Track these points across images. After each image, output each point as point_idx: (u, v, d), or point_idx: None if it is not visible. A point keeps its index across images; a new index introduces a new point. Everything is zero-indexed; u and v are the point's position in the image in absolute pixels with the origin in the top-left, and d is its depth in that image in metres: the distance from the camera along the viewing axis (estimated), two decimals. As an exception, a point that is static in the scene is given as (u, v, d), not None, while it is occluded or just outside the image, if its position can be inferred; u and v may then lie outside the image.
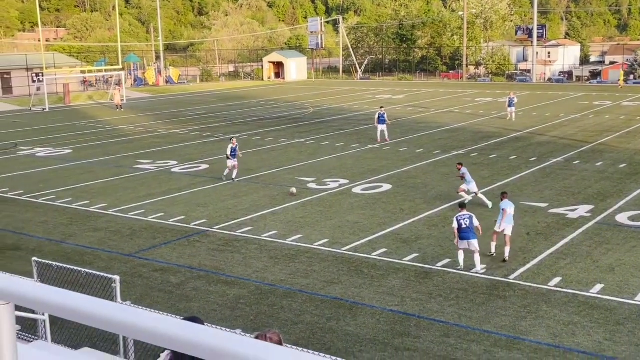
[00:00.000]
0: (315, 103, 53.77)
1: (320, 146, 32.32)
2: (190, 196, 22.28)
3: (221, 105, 53.65)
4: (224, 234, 17.80)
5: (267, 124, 40.97)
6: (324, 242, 16.91)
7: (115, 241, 17.39)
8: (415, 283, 14.12)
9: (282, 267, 15.19)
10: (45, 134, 38.65)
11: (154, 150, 32.01)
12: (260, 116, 45.46)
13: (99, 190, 23.44)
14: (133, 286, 14.16)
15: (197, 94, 66.25)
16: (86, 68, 65.97)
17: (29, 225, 19.15)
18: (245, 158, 29.27)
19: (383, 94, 61.56)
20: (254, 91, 68.66)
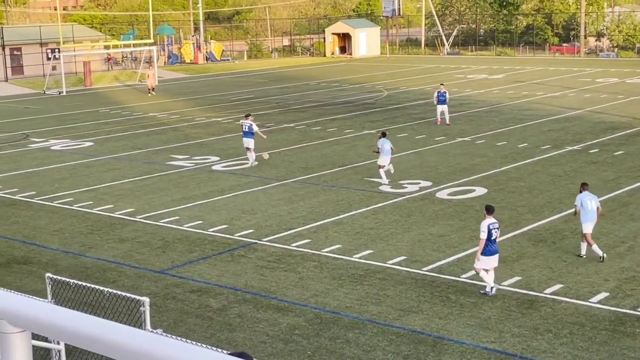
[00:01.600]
0: (390, 85, 53.61)
1: (396, 139, 32.18)
2: (235, 200, 22.57)
3: (273, 88, 54.15)
4: (275, 248, 17.95)
5: (330, 111, 41.09)
6: (401, 260, 16.83)
7: (144, 254, 17.77)
8: (516, 314, 13.89)
9: (347, 291, 15.19)
10: (61, 122, 39.89)
11: (192, 143, 32.58)
12: (321, 101, 45.63)
13: (125, 192, 24.01)
14: (165, 310, 14.44)
15: (243, 74, 67.07)
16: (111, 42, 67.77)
17: (42, 233, 19.79)
18: (303, 153, 29.41)
19: (476, 73, 60.88)
20: (313, 70, 68.97)
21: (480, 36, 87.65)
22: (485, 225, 14.84)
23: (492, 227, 14.83)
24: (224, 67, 73.44)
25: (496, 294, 14.82)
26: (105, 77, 64.65)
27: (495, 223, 14.92)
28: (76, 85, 58.98)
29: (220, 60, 78.49)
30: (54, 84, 57.01)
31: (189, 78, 64.93)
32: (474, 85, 51.66)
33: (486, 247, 14.80)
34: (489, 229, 14.79)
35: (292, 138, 33.05)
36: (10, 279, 16.27)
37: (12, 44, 63.46)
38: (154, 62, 62.53)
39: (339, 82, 56.44)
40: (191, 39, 79.08)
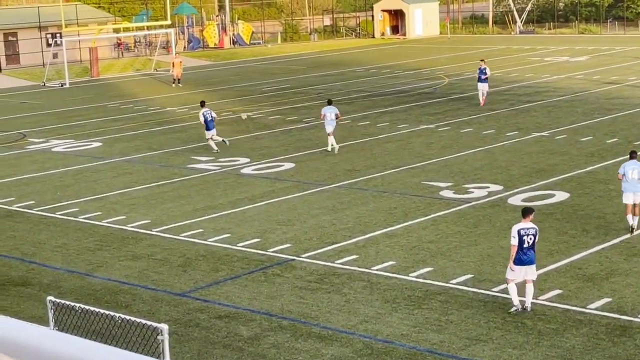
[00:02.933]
0: (452, 70, 53.40)
1: (460, 135, 32.06)
2: (268, 209, 22.67)
3: (312, 76, 54.27)
4: (316, 265, 17.97)
5: (380, 103, 41.06)
6: (466, 279, 16.75)
7: (162, 274, 17.93)
8: (606, 343, 13.74)
9: (402, 315, 15.16)
10: (64, 120, 40.47)
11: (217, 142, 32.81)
12: (369, 91, 45.63)
13: (139, 201, 24.26)
14: (187, 339, 14.56)
15: (277, 60, 67.33)
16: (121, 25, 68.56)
17: (43, 250, 20.08)
18: (348, 153, 29.44)
19: (555, 55, 60.36)
20: (360, 54, 68.97)
21: (560, 11, 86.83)
22: (515, 230, 14.94)
23: (523, 232, 14.87)
24: (254, 52, 73.83)
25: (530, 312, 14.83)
26: (115, 65, 65.44)
27: (529, 228, 14.93)
28: (81, 76, 59.80)
29: (249, 44, 78.97)
30: (55, 75, 57.87)
31: (212, 66, 65.41)
32: (552, 70, 51.22)
33: (518, 255, 14.88)
34: (519, 235, 14.84)
35: (336, 135, 33.03)
36: (7, 304, 16.53)
37: (7, 28, 64.55)
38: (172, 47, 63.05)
39: (390, 68, 56.36)
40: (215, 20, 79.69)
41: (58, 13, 58.23)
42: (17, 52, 65.71)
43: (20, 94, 51.86)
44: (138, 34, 71.77)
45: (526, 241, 14.86)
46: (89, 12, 72.01)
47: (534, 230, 14.99)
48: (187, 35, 77.08)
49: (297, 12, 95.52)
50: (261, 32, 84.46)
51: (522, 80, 46.88)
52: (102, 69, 60.91)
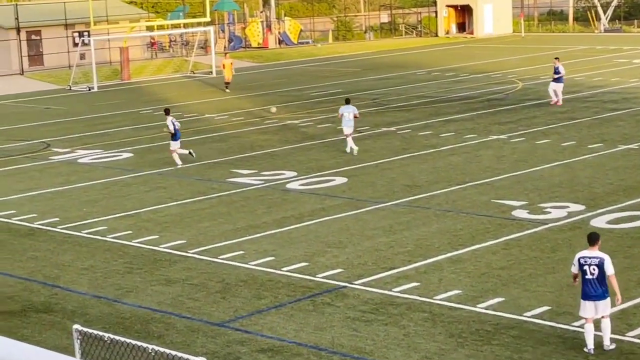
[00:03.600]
0: (526, 73, 53.05)
1: (535, 146, 31.82)
2: (318, 229, 22.66)
3: (368, 79, 54.26)
4: (371, 294, 17.91)
5: (444, 110, 40.92)
6: (542, 312, 16.57)
7: (199, 301, 17.99)
8: None
9: (469, 352, 15.04)
10: (91, 127, 40.93)
11: (260, 153, 32.94)
12: (432, 97, 45.49)
13: (173, 219, 24.41)
14: (225, 375, 14.57)
15: (328, 61, 67.45)
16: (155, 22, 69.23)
17: (67, 272, 20.27)
18: (408, 167, 29.36)
19: (645, 56, 59.64)
20: (422, 55, 68.82)
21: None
22: (576, 258, 14.70)
23: (583, 261, 14.53)
24: (302, 52, 74.05)
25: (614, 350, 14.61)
26: (148, 67, 66.08)
27: (592, 257, 14.49)
28: (110, 79, 60.46)
29: (297, 43, 79.24)
30: (82, 78, 58.57)
31: (256, 67, 65.75)
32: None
33: (583, 288, 14.58)
34: (579, 264, 14.56)
35: (394, 146, 33.03)
36: (27, 332, 16.70)
37: (30, 27, 65.47)
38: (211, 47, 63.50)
39: (456, 71, 56.15)
40: (259, 17, 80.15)
41: (86, 9, 58.87)
42: (40, 53, 66.66)
43: (44, 99, 52.57)
44: (174, 33, 72.42)
45: (588, 272, 14.41)
46: (120, 8, 72.73)
47: (598, 261, 14.42)
48: (228, 34, 77.55)
49: (350, 7, 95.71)
50: (310, 31, 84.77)
51: (607, 86, 46.40)
52: (133, 71, 61.53)
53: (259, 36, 77.90)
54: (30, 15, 65.55)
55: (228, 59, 53.27)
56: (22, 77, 61.92)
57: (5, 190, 28.58)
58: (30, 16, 65.44)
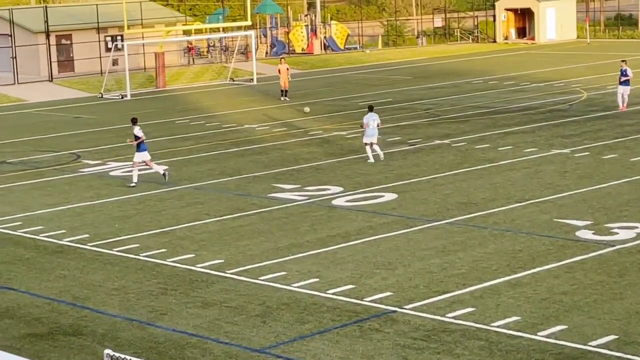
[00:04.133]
0: (592, 83, 52.72)
1: (601, 162, 31.59)
2: (365, 249, 22.64)
3: (420, 88, 54.19)
4: (423, 319, 17.84)
5: (502, 122, 40.76)
6: (609, 341, 16.42)
7: (237, 325, 18.02)
8: None
9: (529, 384, 14.92)
10: (124, 138, 41.15)
11: (303, 166, 33.00)
12: (489, 107, 45.34)
13: (210, 236, 24.50)
14: (265, 405, 14.59)
15: (377, 68, 67.47)
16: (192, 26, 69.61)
17: (97, 293, 20.39)
18: (463, 182, 29.27)
19: None
20: (478, 62, 68.61)
21: None
22: None
23: None
24: (349, 58, 74.15)
25: None
26: (184, 74, 66.48)
27: None
28: (145, 86, 60.91)
29: (344, 49, 79.36)
30: (115, 85, 59.06)
31: (300, 75, 65.83)
32: None
33: None
34: None
35: (448, 160, 32.96)
36: (55, 356, 16.80)
37: (60, 30, 66.14)
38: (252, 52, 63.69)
39: (515, 80, 55.93)
40: (303, 20, 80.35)
41: (119, 12, 59.45)
42: (71, 58, 67.27)
43: (74, 107, 53.08)
44: (212, 37, 72.78)
45: None
46: (156, 11, 73.25)
47: None
48: (270, 39, 77.85)
49: (402, 11, 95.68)
50: (358, 35, 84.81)
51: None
52: (169, 78, 61.94)
53: (304, 41, 78.11)
54: (60, 19, 66.23)
55: (284, 64, 52.63)
56: (51, 84, 62.55)
57: (33, 204, 28.86)
58: (60, 19, 66.12)
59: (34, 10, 70.44)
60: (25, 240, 24.88)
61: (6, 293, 20.58)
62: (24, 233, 25.52)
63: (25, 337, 17.76)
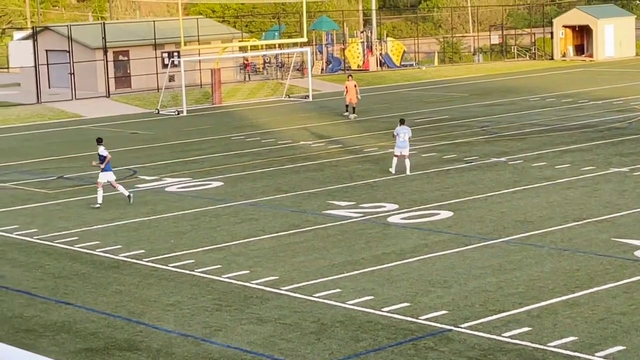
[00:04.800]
0: (651, 100, 52.24)
1: (661, 181, 31.31)
2: (421, 267, 22.59)
3: (476, 105, 54.03)
4: (479, 338, 17.76)
5: (560, 140, 40.51)
6: (668, 363, 16.22)
7: (292, 342, 18.05)
8: None
9: (586, 406, 14.78)
10: (180, 154, 41.53)
11: (359, 184, 33.02)
12: (546, 125, 45.09)
13: (265, 253, 24.58)
14: (319, 423, 14.59)
15: (433, 85, 67.37)
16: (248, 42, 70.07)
17: (152, 308, 20.54)
18: (520, 200, 29.12)
19: None
20: (535, 79, 68.28)
21: None
22: None
23: None
24: (405, 75, 74.16)
25: None
26: (241, 90, 66.86)
27: None
28: (200, 102, 61.33)
29: (400, 65, 79.40)
30: (171, 101, 59.55)
31: (355, 92, 65.94)
32: None
33: None
34: None
35: (504, 178, 32.81)
36: (110, 371, 16.97)
37: (118, 47, 66.83)
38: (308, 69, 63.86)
39: (573, 97, 55.58)
40: (359, 37, 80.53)
41: (176, 28, 60.03)
42: (128, 74, 67.93)
43: (131, 123, 53.57)
44: (268, 53, 73.14)
45: None
46: (212, 27, 73.87)
47: None
48: (326, 55, 78.09)
49: (458, 27, 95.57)
50: (414, 52, 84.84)
51: None
52: (225, 94, 62.31)
53: (359, 58, 78.24)
54: (118, 35, 66.92)
55: (351, 81, 52.44)
56: (108, 100, 63.24)
57: (90, 219, 29.15)
58: (118, 35, 66.82)
59: (92, 27, 71.32)
60: (81, 255, 25.14)
61: (63, 307, 20.80)
62: (81, 248, 25.78)
63: (81, 351, 17.93)
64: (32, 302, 21.24)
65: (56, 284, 22.53)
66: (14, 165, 39.82)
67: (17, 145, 46.42)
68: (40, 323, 19.73)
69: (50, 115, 57.71)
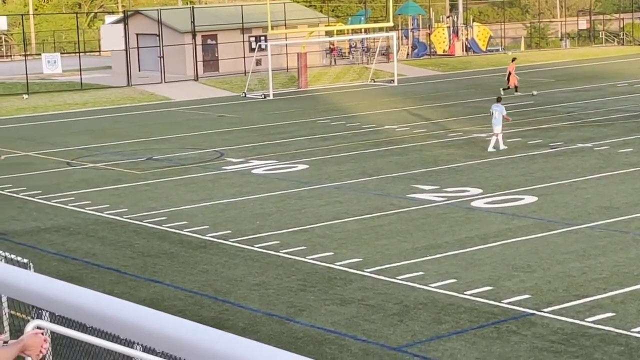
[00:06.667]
0: None
1: None
2: (504, 251, 22.51)
3: (563, 91, 53.52)
4: (562, 323, 17.67)
5: (648, 126, 39.96)
6: None
7: (375, 323, 18.15)
8: None
9: (669, 392, 14.64)
10: (266, 137, 41.81)
11: (443, 168, 32.94)
12: (634, 110, 44.47)
13: (349, 235, 24.69)
14: (401, 403, 14.65)
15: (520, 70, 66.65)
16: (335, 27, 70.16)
17: (238, 288, 20.80)
18: (605, 187, 28.83)
19: None
20: (623, 65, 67.33)
21: None
22: None
23: None
24: (491, 60, 73.60)
25: None
26: (326, 74, 67.00)
27: None
28: (287, 86, 61.62)
29: (486, 51, 78.87)
30: (258, 84, 59.91)
31: (441, 76, 65.71)
32: None
33: None
34: None
35: (590, 164, 32.46)
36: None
37: (206, 31, 67.40)
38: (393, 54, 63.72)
39: (662, 83, 54.73)
40: (445, 22, 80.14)
41: (264, 13, 60.32)
42: (216, 58, 68.49)
43: (218, 106, 54.03)
44: (354, 38, 73.19)
45: None
46: (299, 12, 74.02)
47: None
48: (412, 40, 77.86)
49: (545, 12, 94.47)
50: (501, 37, 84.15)
51: None
52: (311, 78, 62.55)
53: (445, 43, 77.85)
54: (206, 19, 67.47)
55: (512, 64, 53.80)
56: (196, 83, 63.86)
57: (178, 200, 29.55)
58: (206, 19, 67.37)
59: (181, 11, 72.12)
60: (170, 235, 25.52)
61: (151, 285, 21.19)
62: (169, 228, 26.16)
63: (169, 328, 18.21)
64: (122, 280, 21.68)
65: (145, 263, 22.94)
66: (105, 147, 40.47)
67: (108, 127, 47.13)
68: (129, 300, 20.06)
69: (140, 98, 58.53)
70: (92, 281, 21.22)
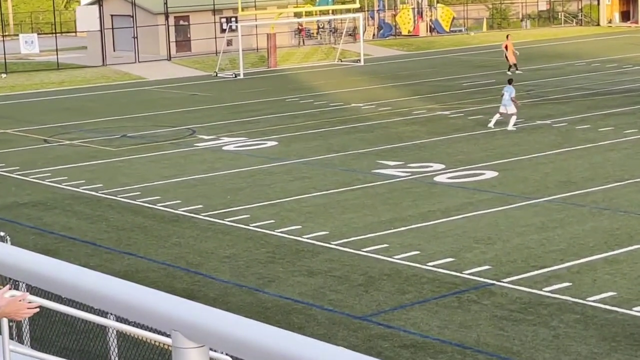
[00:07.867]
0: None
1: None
2: (465, 224, 22.61)
3: (523, 70, 53.65)
4: (520, 292, 17.80)
5: (604, 103, 40.11)
6: (703, 318, 16.15)
7: (341, 293, 18.21)
8: None
9: (623, 357, 14.78)
10: (236, 115, 41.73)
11: (407, 144, 32.99)
12: (591, 89, 44.67)
13: (316, 209, 24.72)
14: (367, 370, 14.72)
15: (482, 50, 66.91)
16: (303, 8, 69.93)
17: (209, 260, 20.80)
18: (563, 162, 29.01)
19: None
20: (581, 45, 67.57)
21: None
22: None
23: None
24: (454, 40, 73.69)
25: None
26: (295, 54, 66.84)
27: None
28: (256, 66, 61.47)
29: (449, 31, 78.82)
30: (229, 64, 59.74)
31: (405, 56, 65.73)
32: None
33: None
34: None
35: (548, 140, 32.63)
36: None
37: (178, 12, 67.01)
38: (360, 34, 63.70)
39: (618, 62, 54.95)
40: (410, 3, 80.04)
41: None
42: (188, 39, 68.14)
43: (190, 85, 53.89)
44: (322, 19, 72.99)
45: None
46: (269, -7, 73.79)
47: None
48: (378, 21, 77.76)
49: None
50: (463, 18, 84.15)
51: None
52: (280, 58, 62.40)
53: (410, 24, 77.76)
54: (178, 1, 67.08)
55: (509, 40, 53.24)
56: (169, 63, 63.50)
57: (151, 176, 29.47)
58: (178, 1, 66.91)
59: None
60: (143, 209, 25.45)
61: (125, 258, 21.16)
62: (143, 202, 26.09)
63: (143, 299, 18.21)
64: (97, 252, 21.64)
65: (119, 236, 22.89)
66: (81, 124, 40.24)
67: (83, 105, 46.86)
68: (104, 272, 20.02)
69: (114, 77, 58.21)
70: (68, 254, 21.15)
